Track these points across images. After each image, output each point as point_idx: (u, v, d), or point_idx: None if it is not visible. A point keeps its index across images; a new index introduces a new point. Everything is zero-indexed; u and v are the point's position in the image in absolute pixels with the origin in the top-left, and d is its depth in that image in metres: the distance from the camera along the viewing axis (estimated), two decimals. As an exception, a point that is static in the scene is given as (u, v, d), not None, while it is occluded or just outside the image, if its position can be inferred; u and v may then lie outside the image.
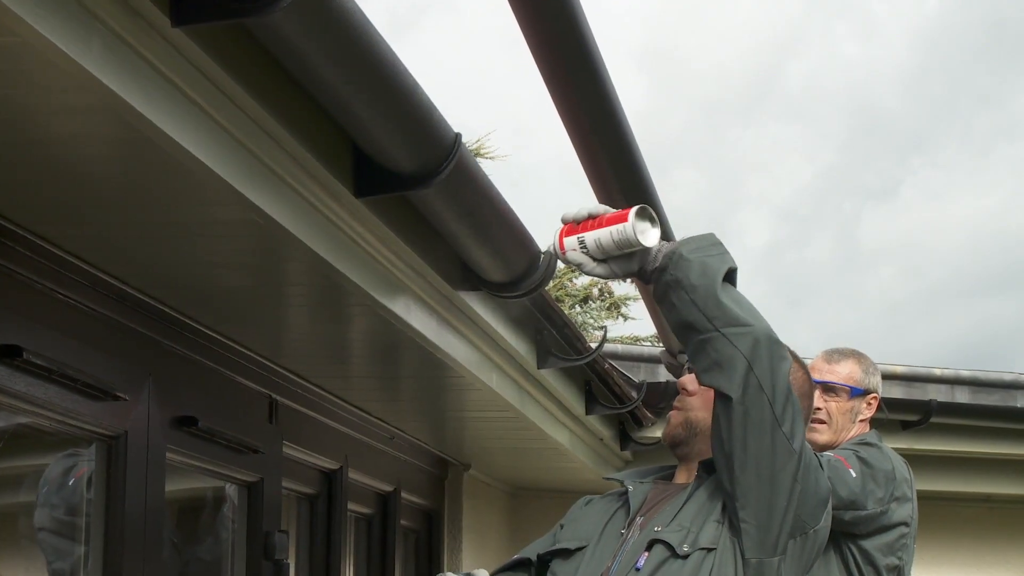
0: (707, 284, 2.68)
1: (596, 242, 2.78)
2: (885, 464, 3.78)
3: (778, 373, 2.67)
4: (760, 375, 2.63)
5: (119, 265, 3.14)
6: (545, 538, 3.00)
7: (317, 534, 4.87)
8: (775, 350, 2.68)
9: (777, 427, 2.65)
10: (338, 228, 3.01)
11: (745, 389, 2.63)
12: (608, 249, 2.77)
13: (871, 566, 3.75)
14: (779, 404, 2.66)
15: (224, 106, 2.40)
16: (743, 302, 2.71)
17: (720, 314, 2.66)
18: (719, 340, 2.66)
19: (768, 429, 2.64)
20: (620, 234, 2.74)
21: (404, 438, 5.66)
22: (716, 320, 2.66)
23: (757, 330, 2.66)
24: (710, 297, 2.67)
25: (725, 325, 2.65)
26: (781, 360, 2.69)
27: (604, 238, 2.77)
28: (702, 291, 2.68)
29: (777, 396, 2.65)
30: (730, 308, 2.66)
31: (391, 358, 4.22)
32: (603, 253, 2.79)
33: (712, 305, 2.67)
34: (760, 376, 2.63)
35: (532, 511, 7.63)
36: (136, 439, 3.34)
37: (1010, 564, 8.11)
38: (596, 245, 2.78)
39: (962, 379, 7.31)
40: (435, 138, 2.82)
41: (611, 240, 2.76)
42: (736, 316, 2.66)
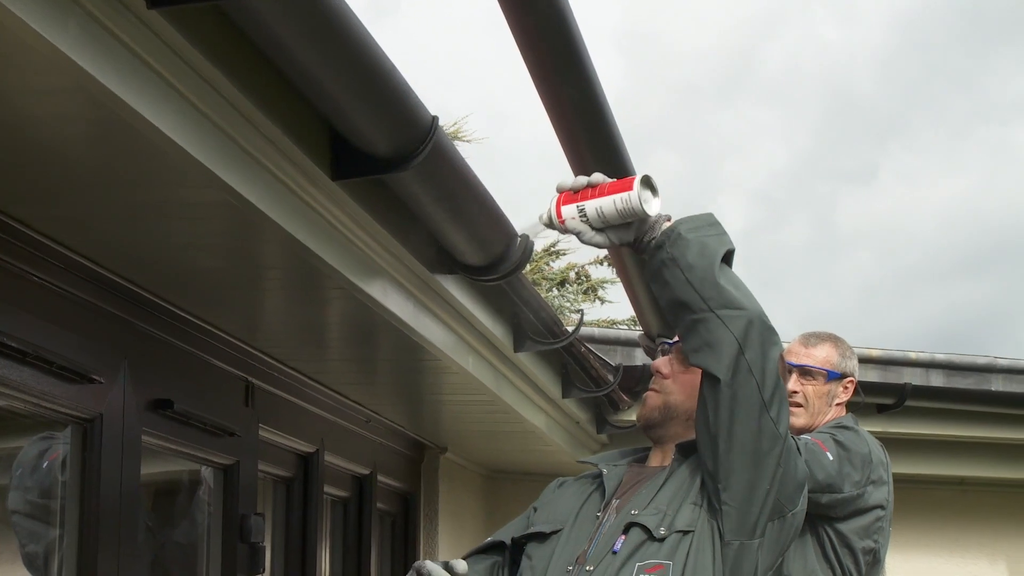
0: (705, 264, 2.67)
1: (598, 211, 2.77)
2: (862, 447, 3.79)
3: (769, 357, 2.67)
4: (751, 359, 2.64)
5: (94, 247, 3.13)
6: (518, 521, 2.99)
7: (293, 517, 4.87)
8: (767, 335, 2.68)
9: (765, 411, 2.65)
10: (314, 211, 3.01)
11: (735, 372, 2.63)
12: (610, 218, 2.76)
13: (847, 549, 3.76)
14: (768, 388, 2.66)
15: (200, 88, 2.39)
16: (740, 285, 2.71)
17: (716, 295, 2.66)
18: (712, 321, 2.65)
19: (756, 413, 2.65)
20: (624, 203, 2.73)
21: (380, 421, 5.66)
22: (711, 301, 2.65)
23: (751, 313, 2.66)
24: (707, 278, 2.66)
25: (720, 306, 2.65)
26: (773, 345, 2.69)
27: (607, 206, 2.76)
28: (699, 271, 2.67)
29: (767, 380, 2.65)
30: (726, 290, 2.66)
31: (367, 341, 4.22)
32: (603, 222, 2.78)
33: (708, 286, 2.66)
34: (751, 360, 2.64)
35: (508, 494, 7.64)
36: (111, 422, 3.33)
37: (984, 547, 8.16)
38: (597, 214, 2.77)
39: (937, 362, 7.34)
40: (412, 121, 2.81)
41: (614, 208, 2.75)
42: (731, 298, 2.66)
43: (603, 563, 2.68)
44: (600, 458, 3.01)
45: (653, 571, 2.62)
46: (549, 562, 2.76)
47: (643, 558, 2.65)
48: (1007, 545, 8.19)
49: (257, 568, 4.25)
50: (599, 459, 3.00)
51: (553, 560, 2.75)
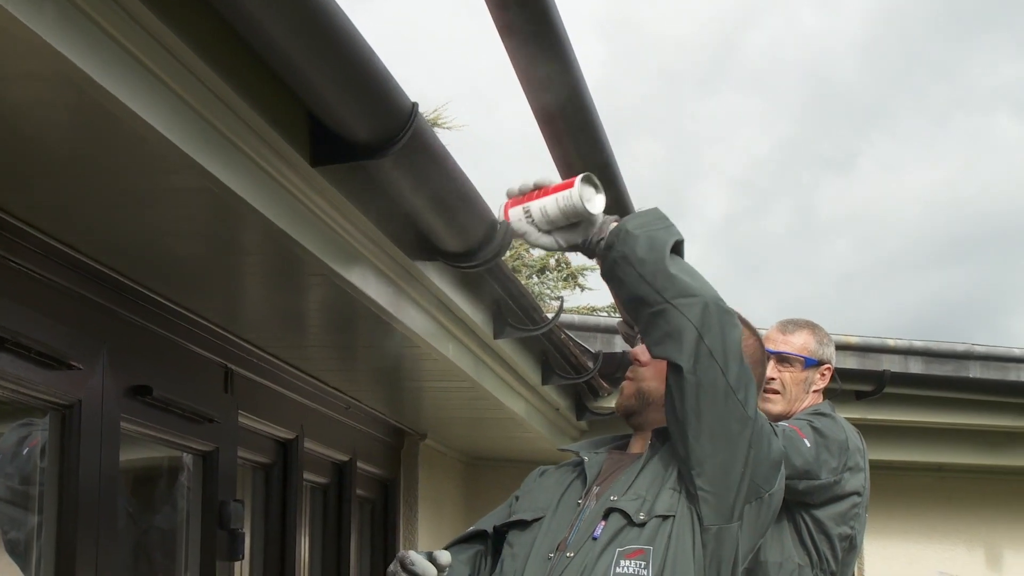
0: (655, 258, 2.68)
1: (542, 211, 2.78)
2: (839, 434, 3.81)
3: (729, 341, 2.68)
4: (711, 344, 2.64)
5: (73, 233, 3.12)
6: (500, 510, 3.00)
7: (272, 504, 4.86)
8: (725, 318, 2.68)
9: (731, 394, 2.66)
10: (294, 197, 3.00)
11: (696, 359, 2.64)
12: (554, 218, 2.77)
13: (824, 535, 3.78)
14: (732, 372, 2.67)
15: (179, 74, 2.38)
16: (692, 272, 2.72)
17: (669, 286, 2.67)
18: (669, 311, 2.66)
19: (721, 397, 2.66)
20: (566, 200, 2.74)
21: (360, 408, 5.66)
22: (665, 292, 2.66)
23: (706, 299, 2.67)
24: (659, 270, 2.67)
25: (675, 296, 2.66)
26: (732, 328, 2.70)
27: (550, 206, 2.77)
28: (650, 265, 2.68)
29: (730, 364, 2.66)
30: (679, 279, 2.67)
31: (347, 328, 4.22)
32: (548, 223, 2.79)
33: (661, 278, 2.67)
34: (711, 345, 2.64)
35: (488, 481, 7.65)
36: (90, 408, 3.32)
37: (960, 533, 8.20)
38: (542, 214, 2.78)
39: (915, 349, 7.37)
40: (392, 107, 2.81)
41: (556, 208, 2.76)
42: (685, 286, 2.67)
43: (583, 549, 2.69)
44: (581, 445, 3.02)
45: (633, 556, 2.64)
46: (530, 549, 2.76)
47: (623, 543, 2.66)
48: (985, 531, 8.23)
49: (236, 555, 4.25)
50: (580, 447, 3.01)
51: (534, 547, 2.76)
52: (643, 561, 2.63)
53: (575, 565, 2.67)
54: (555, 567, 2.68)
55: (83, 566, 3.27)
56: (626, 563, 2.63)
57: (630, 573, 2.63)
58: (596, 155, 3.68)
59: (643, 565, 2.63)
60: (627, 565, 2.63)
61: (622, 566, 2.63)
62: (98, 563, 3.35)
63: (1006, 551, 8.26)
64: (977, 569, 8.10)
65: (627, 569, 2.63)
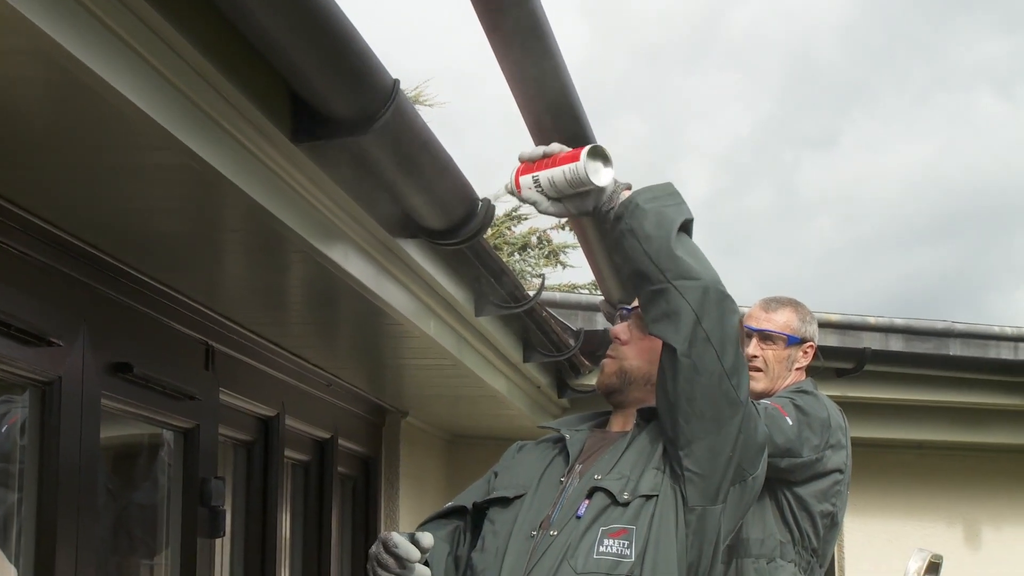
0: (662, 235, 2.67)
1: (550, 181, 2.78)
2: (821, 412, 3.81)
3: (727, 326, 2.67)
4: (708, 328, 2.64)
5: (53, 210, 3.11)
6: (478, 485, 2.99)
7: (254, 481, 4.86)
8: (725, 303, 2.68)
9: (725, 379, 2.66)
10: (275, 174, 2.99)
11: (692, 342, 2.64)
12: (561, 188, 2.78)
13: (805, 512, 3.79)
14: (728, 356, 2.66)
15: (160, 50, 2.37)
16: (697, 254, 2.71)
17: (672, 266, 2.66)
18: (670, 292, 2.65)
19: (716, 381, 2.65)
20: (572, 173, 2.74)
21: (341, 385, 5.65)
22: (668, 272, 2.65)
23: (707, 282, 2.66)
24: (663, 249, 2.66)
25: (676, 277, 2.65)
26: (731, 313, 2.69)
27: (557, 177, 2.77)
28: (656, 242, 2.67)
29: (726, 348, 2.66)
30: (683, 260, 2.66)
31: (329, 305, 4.21)
32: (557, 192, 2.79)
33: (665, 257, 2.66)
34: (708, 329, 2.64)
35: (469, 458, 7.65)
36: (70, 385, 3.31)
37: (940, 509, 8.24)
38: (550, 184, 2.78)
39: (896, 327, 7.39)
40: (373, 84, 2.80)
41: (564, 179, 2.76)
42: (688, 268, 2.66)
43: (567, 527, 2.68)
44: (562, 423, 3.01)
45: (617, 535, 2.64)
46: (512, 526, 2.76)
47: (607, 522, 2.66)
48: (964, 508, 8.27)
49: (217, 532, 4.25)
50: (560, 424, 3.00)
51: (516, 525, 2.75)
52: (626, 540, 2.63)
53: (558, 543, 2.66)
54: (539, 545, 2.68)
55: (64, 543, 3.27)
56: (609, 542, 2.64)
57: (613, 552, 2.63)
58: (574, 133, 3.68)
59: (626, 544, 2.63)
60: (610, 544, 2.64)
61: (605, 545, 2.64)
62: (79, 540, 3.34)
63: (985, 527, 8.30)
64: (956, 545, 8.13)
65: (610, 548, 2.63)
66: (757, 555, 3.78)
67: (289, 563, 5.37)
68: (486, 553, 2.77)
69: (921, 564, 4.54)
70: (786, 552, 3.80)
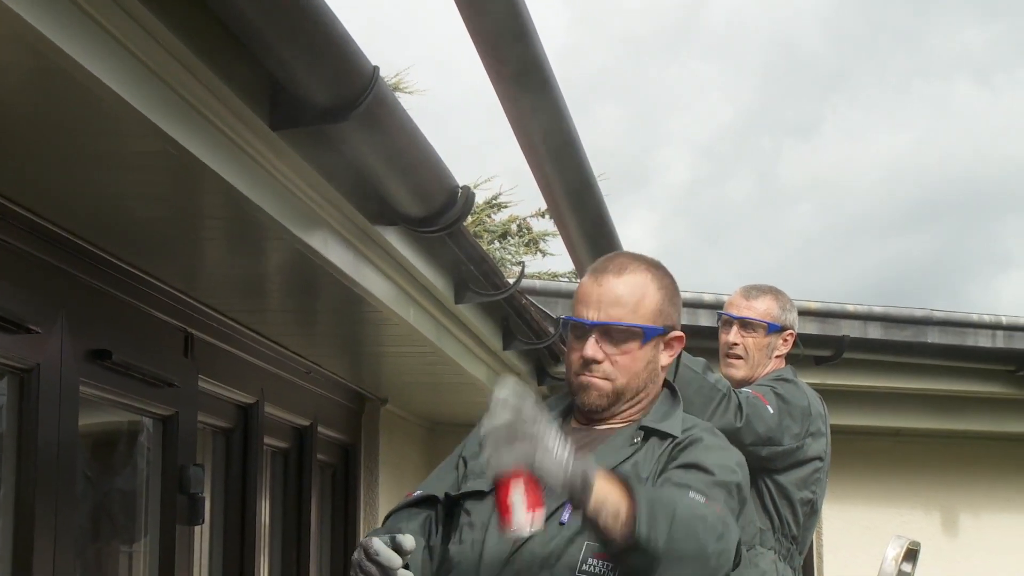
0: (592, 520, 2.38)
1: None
2: (801, 400, 3.83)
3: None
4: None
5: (31, 196, 3.10)
6: (446, 471, 2.85)
7: (233, 468, 4.86)
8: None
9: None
10: (254, 161, 2.99)
11: None
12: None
13: (785, 500, 3.81)
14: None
15: (139, 37, 2.37)
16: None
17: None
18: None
19: None
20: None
21: (321, 372, 5.65)
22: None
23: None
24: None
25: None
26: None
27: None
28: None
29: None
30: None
31: (308, 292, 4.21)
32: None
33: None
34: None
35: (449, 445, 7.60)
36: (49, 372, 3.31)
37: (918, 496, 8.27)
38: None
39: (874, 315, 7.41)
40: (352, 71, 2.80)
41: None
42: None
43: (549, 530, 2.53)
44: None
45: (603, 557, 2.45)
46: (489, 518, 2.66)
47: (593, 538, 2.45)
48: (941, 495, 8.31)
49: (196, 519, 4.25)
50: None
51: (493, 519, 2.62)
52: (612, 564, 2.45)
53: (539, 543, 2.54)
54: (519, 541, 2.59)
55: (42, 530, 3.27)
56: (593, 561, 2.48)
57: (596, 574, 2.48)
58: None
59: (611, 567, 2.46)
60: (594, 564, 2.48)
61: (589, 564, 2.48)
62: (57, 527, 3.34)
63: (962, 514, 8.34)
64: (934, 532, 8.17)
65: (594, 568, 2.48)
66: (738, 542, 3.79)
67: (268, 550, 5.37)
68: (464, 546, 2.67)
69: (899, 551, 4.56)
70: (766, 539, 3.81)
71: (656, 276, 2.71)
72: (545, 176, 3.81)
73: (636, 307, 2.66)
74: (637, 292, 2.67)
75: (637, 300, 2.67)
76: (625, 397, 2.70)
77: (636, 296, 2.67)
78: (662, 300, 2.69)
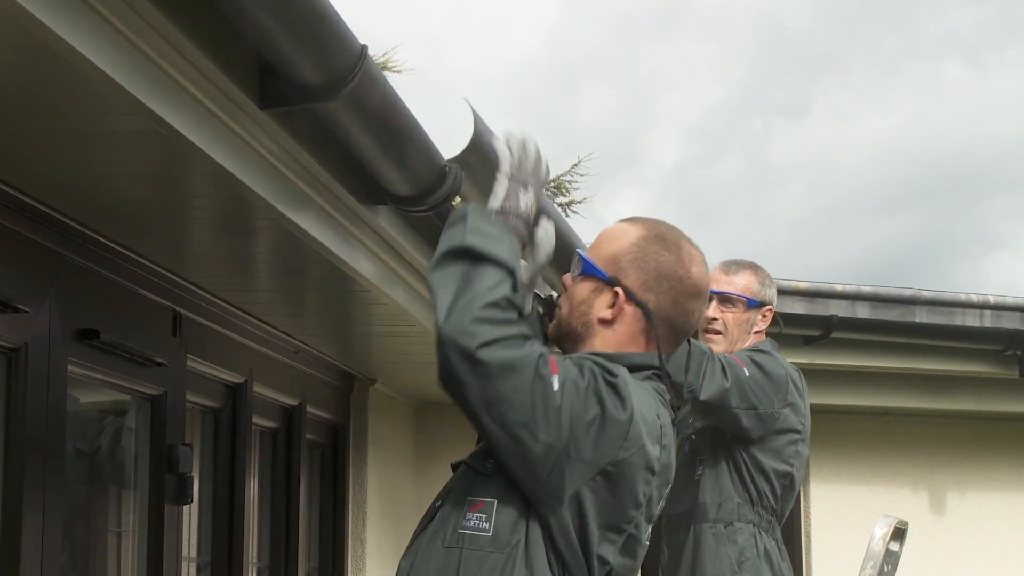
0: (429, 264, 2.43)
1: None
2: (778, 370, 3.86)
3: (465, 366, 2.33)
4: (446, 369, 2.36)
5: (18, 175, 3.09)
6: None
7: (221, 448, 4.86)
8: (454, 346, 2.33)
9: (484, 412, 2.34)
10: (242, 140, 2.98)
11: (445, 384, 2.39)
12: None
13: (761, 473, 3.83)
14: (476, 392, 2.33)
15: (126, 14, 2.36)
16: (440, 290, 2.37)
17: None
18: None
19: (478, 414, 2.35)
20: None
21: (310, 352, 5.65)
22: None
23: (441, 334, 2.35)
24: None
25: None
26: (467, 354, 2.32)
27: None
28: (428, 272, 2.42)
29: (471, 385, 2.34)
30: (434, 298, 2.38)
31: (296, 272, 4.20)
32: None
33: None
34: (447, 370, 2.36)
35: (438, 425, 7.65)
36: (37, 352, 3.30)
37: (906, 475, 8.29)
38: None
39: (863, 295, 7.42)
40: (341, 50, 2.79)
41: None
42: (436, 307, 2.37)
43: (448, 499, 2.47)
44: None
45: (476, 508, 2.39)
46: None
47: (474, 492, 2.42)
48: (929, 474, 8.33)
49: (185, 499, 4.25)
50: None
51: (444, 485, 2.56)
52: (483, 514, 2.38)
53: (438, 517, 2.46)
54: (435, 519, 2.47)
55: (30, 511, 3.26)
56: (470, 515, 2.40)
57: (471, 526, 2.39)
58: None
59: (483, 518, 2.38)
60: (470, 517, 2.40)
61: (467, 517, 2.40)
62: (45, 507, 3.34)
63: (949, 493, 8.36)
64: (921, 511, 8.20)
65: (469, 522, 2.39)
66: (715, 519, 3.82)
67: (257, 530, 5.38)
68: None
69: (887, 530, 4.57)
70: (744, 514, 3.83)
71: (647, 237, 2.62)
72: None
73: (599, 246, 2.63)
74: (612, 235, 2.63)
75: (604, 241, 2.63)
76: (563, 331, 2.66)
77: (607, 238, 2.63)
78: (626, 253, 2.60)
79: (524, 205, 2.54)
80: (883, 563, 4.53)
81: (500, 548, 2.36)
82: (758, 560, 3.83)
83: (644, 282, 2.59)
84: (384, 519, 6.83)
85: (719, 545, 3.82)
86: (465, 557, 2.37)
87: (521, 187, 2.55)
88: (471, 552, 2.37)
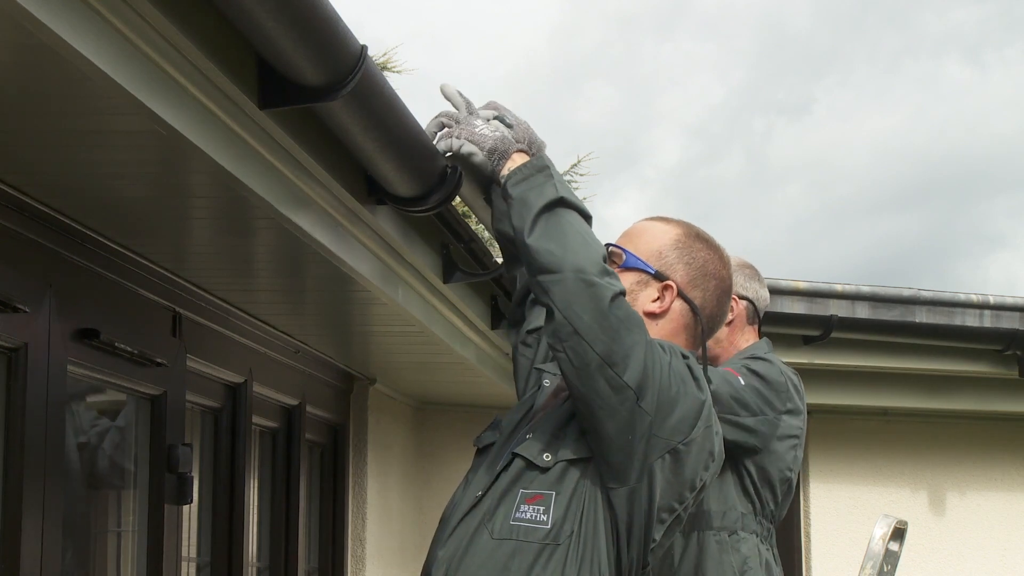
0: (521, 226, 2.51)
1: None
2: (778, 376, 3.84)
3: (596, 312, 2.42)
4: (575, 322, 2.42)
5: (19, 175, 3.09)
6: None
7: (221, 448, 4.86)
8: (591, 291, 2.43)
9: (604, 368, 2.41)
10: (242, 140, 2.98)
11: (561, 337, 2.44)
12: None
13: (767, 483, 3.82)
14: (601, 344, 2.41)
15: (126, 14, 2.36)
16: (558, 237, 2.48)
17: (532, 261, 2.49)
18: (535, 286, 2.50)
19: (595, 371, 2.42)
20: None
21: (309, 352, 5.65)
22: (530, 267, 2.50)
23: (566, 275, 2.43)
24: (521, 243, 2.51)
25: (537, 272, 2.48)
26: (598, 300, 2.43)
27: None
28: (520, 234, 2.51)
29: (596, 338, 2.42)
30: (540, 253, 2.47)
31: (296, 272, 4.20)
32: None
33: (525, 252, 2.50)
34: (575, 323, 2.42)
35: (438, 425, 7.66)
36: (37, 352, 3.30)
37: (905, 475, 8.30)
38: None
39: (862, 295, 7.42)
40: (341, 50, 2.79)
41: None
42: (545, 263, 2.47)
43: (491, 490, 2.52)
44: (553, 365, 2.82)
45: (533, 500, 2.45)
46: (475, 476, 2.62)
47: (526, 485, 2.48)
48: (929, 474, 8.33)
49: (185, 499, 4.25)
50: (552, 366, 2.83)
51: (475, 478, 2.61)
52: (542, 506, 2.45)
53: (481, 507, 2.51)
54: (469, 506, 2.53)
55: (29, 511, 3.26)
56: (525, 507, 2.46)
57: (527, 518, 2.45)
58: None
59: (542, 511, 2.45)
60: (526, 510, 2.46)
61: (522, 510, 2.46)
62: (45, 507, 3.34)
63: (949, 493, 8.37)
64: (921, 511, 8.20)
65: (525, 514, 2.46)
66: (719, 527, 3.81)
67: (257, 530, 5.38)
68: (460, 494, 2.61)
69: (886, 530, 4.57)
70: (747, 523, 3.83)
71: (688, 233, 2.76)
72: None
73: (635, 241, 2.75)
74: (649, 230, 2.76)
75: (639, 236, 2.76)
76: None
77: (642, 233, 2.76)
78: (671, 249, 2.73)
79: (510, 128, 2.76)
80: (883, 563, 4.53)
81: (558, 539, 2.42)
82: (760, 571, 3.83)
83: (692, 279, 2.68)
84: (384, 519, 6.84)
85: (723, 553, 3.82)
86: (520, 549, 2.43)
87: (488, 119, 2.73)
88: (526, 544, 2.43)
